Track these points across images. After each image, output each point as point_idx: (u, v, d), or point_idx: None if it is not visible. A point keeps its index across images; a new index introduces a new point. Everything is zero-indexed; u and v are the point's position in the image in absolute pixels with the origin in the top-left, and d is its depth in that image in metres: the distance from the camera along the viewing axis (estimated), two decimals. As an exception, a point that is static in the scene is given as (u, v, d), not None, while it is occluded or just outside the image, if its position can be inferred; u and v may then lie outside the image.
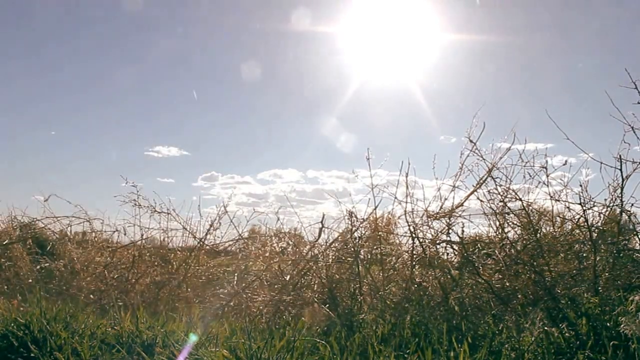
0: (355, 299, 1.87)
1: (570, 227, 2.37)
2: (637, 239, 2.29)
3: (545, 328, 1.26)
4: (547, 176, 2.26)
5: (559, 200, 2.27)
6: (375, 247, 2.22)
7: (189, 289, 2.46)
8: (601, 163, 2.18)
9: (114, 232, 4.66)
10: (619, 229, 2.11)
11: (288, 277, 2.11)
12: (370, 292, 1.97)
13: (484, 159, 2.24)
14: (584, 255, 2.04)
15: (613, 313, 1.32)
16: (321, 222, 3.33)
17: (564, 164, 2.29)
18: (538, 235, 2.17)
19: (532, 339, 1.22)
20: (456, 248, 2.22)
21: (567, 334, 1.23)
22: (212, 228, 2.87)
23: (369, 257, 2.27)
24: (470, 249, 2.19)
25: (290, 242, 3.01)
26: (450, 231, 2.17)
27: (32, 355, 2.10)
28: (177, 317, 2.28)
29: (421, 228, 2.21)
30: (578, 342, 1.20)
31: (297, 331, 1.03)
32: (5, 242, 4.93)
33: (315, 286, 2.78)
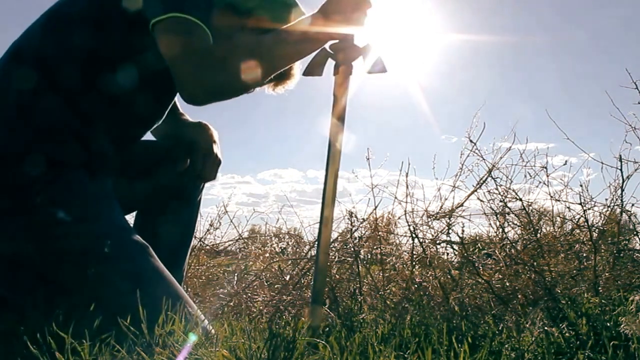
0: (356, 299, 1.88)
1: (570, 227, 2.38)
2: (637, 239, 2.30)
3: (546, 328, 1.26)
4: (548, 176, 2.26)
5: (559, 200, 2.27)
6: (375, 247, 2.23)
7: (188, 289, 2.46)
8: (602, 163, 2.18)
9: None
10: (620, 229, 2.11)
11: (288, 277, 2.11)
12: (371, 292, 1.98)
13: (484, 159, 2.24)
14: (584, 255, 2.04)
15: (613, 313, 1.32)
16: (321, 222, 3.32)
17: (564, 164, 2.29)
18: (538, 235, 2.17)
19: (532, 339, 1.22)
20: (456, 248, 2.23)
21: (567, 334, 1.23)
22: (212, 228, 2.88)
23: (369, 257, 2.28)
24: (471, 249, 2.19)
25: (290, 242, 3.01)
26: (451, 231, 2.18)
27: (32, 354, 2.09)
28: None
29: (421, 228, 2.22)
30: (578, 342, 1.20)
31: (297, 331, 1.03)
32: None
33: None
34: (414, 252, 2.11)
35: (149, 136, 1.62)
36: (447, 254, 2.30)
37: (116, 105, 1.28)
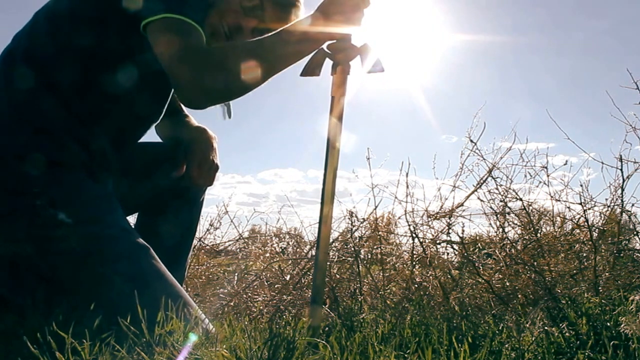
0: (356, 299, 1.88)
1: (570, 227, 2.38)
2: (637, 238, 2.29)
3: (546, 328, 1.26)
4: (548, 176, 2.26)
5: (559, 200, 2.27)
6: (375, 247, 2.23)
7: (188, 289, 2.46)
8: (602, 163, 2.18)
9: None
10: (620, 229, 2.11)
11: (288, 276, 2.11)
12: (371, 292, 1.98)
13: (484, 159, 2.24)
14: (585, 255, 2.04)
15: (613, 313, 1.32)
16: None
17: (564, 164, 2.29)
18: (538, 235, 2.17)
19: (533, 338, 1.22)
20: (456, 248, 2.23)
21: (567, 334, 1.23)
22: (212, 227, 2.88)
23: (369, 257, 2.28)
24: (471, 249, 2.19)
25: (291, 242, 3.01)
26: (451, 231, 2.18)
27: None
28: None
29: (421, 228, 2.22)
30: (578, 342, 1.20)
31: (298, 331, 1.03)
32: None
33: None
34: (414, 252, 2.11)
35: (154, 136, 1.62)
36: (447, 253, 2.30)
37: (114, 104, 1.28)
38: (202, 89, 1.09)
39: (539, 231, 2.25)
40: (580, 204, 2.12)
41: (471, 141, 2.23)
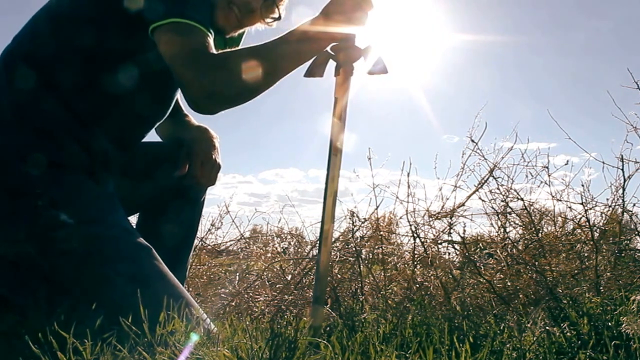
0: (357, 299, 1.88)
1: (572, 226, 2.37)
2: (638, 238, 2.29)
3: (547, 328, 1.26)
4: (549, 176, 2.26)
5: (560, 200, 2.27)
6: (376, 247, 2.23)
7: (190, 289, 2.46)
8: (603, 163, 2.18)
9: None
10: (621, 229, 2.11)
11: (290, 276, 2.11)
12: (372, 292, 1.98)
13: (485, 159, 2.24)
14: (586, 255, 2.04)
15: (615, 313, 1.32)
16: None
17: (565, 164, 2.29)
18: (540, 235, 2.17)
19: (534, 338, 1.22)
20: (458, 248, 2.23)
21: (568, 334, 1.23)
22: (213, 227, 2.88)
23: (371, 256, 2.28)
24: (472, 249, 2.19)
25: (292, 242, 3.01)
26: (452, 231, 2.18)
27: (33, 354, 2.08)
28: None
29: (423, 228, 2.21)
30: (579, 342, 1.20)
31: (299, 331, 1.03)
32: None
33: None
34: (416, 252, 2.11)
35: (154, 136, 1.62)
36: (449, 253, 2.30)
37: (115, 105, 1.29)
38: (204, 89, 1.10)
39: (540, 231, 2.24)
40: (582, 203, 2.12)
41: (472, 141, 2.23)
